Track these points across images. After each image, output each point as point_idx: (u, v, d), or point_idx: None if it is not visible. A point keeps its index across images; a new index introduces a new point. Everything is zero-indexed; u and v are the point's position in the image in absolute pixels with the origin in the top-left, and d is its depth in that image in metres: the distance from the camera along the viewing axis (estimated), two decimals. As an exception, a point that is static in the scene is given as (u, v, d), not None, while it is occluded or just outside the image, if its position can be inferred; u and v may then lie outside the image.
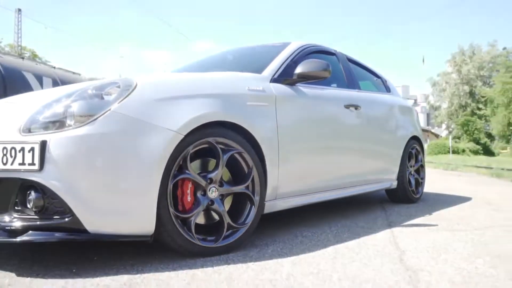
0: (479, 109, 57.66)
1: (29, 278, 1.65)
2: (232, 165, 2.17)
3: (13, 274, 1.69)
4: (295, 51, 2.97)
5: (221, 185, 2.10)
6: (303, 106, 2.71)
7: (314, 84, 2.84)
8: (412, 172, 4.13)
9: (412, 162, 4.17)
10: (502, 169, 11.03)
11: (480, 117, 56.81)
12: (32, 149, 1.65)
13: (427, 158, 32.03)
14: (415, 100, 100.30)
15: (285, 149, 2.46)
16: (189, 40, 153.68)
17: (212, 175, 2.05)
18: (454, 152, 45.51)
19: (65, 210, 1.68)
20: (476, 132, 57.06)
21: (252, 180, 2.22)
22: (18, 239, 1.67)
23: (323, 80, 2.84)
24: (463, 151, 51.34)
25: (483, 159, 36.33)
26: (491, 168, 11.70)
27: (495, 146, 55.25)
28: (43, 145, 1.65)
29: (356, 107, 3.26)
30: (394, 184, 3.88)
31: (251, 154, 2.21)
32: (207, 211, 2.10)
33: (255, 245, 2.25)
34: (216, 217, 2.10)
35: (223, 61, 3.45)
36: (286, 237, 2.45)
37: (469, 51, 62.79)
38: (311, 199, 2.75)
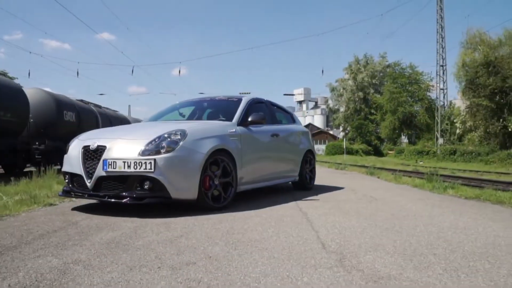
0: (371, 114, 64.36)
1: (145, 218, 3.88)
2: (223, 168, 4.55)
3: (132, 218, 3.90)
4: (246, 104, 5.42)
5: (219, 178, 4.46)
6: (252, 137, 5.18)
7: (257, 124, 5.31)
8: (307, 171, 6.80)
9: (308, 165, 6.84)
10: (375, 168, 14.55)
11: (372, 121, 63.62)
12: (150, 163, 3.89)
13: (325, 158, 36.05)
14: (316, 103, 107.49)
15: (244, 160, 4.89)
16: (95, 32, 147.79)
17: (216, 173, 4.41)
18: (349, 152, 51.14)
19: (163, 188, 3.94)
20: (368, 134, 64.02)
21: (232, 176, 4.62)
22: (143, 201, 3.90)
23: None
24: (357, 151, 57.57)
25: (372, 159, 41.61)
26: (368, 167, 15.21)
27: (384, 147, 62.37)
28: (155, 160, 3.90)
29: (277, 135, 5.81)
30: (297, 178, 6.50)
31: (231, 163, 4.62)
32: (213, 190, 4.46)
33: (232, 207, 4.64)
34: (217, 193, 4.46)
35: (202, 108, 5.80)
36: (245, 204, 4.88)
37: (363, 60, 69.31)
38: (256, 185, 5.26)
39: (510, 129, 28.50)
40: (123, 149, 4.05)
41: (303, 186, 6.64)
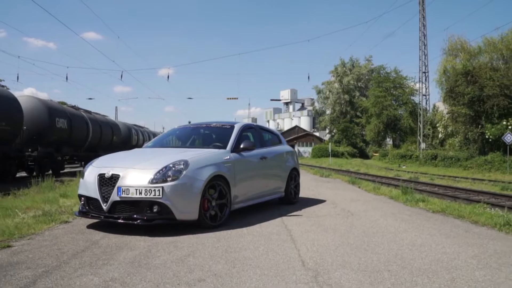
0: (357, 116, 65.57)
1: (154, 237, 4.58)
2: (220, 191, 5.26)
3: (143, 237, 4.59)
4: (238, 131, 6.16)
5: (216, 200, 5.18)
6: (243, 161, 5.91)
7: (248, 150, 6.04)
8: (292, 187, 7.55)
9: (293, 181, 7.59)
10: (358, 173, 15.39)
11: (357, 124, 64.83)
12: (159, 190, 4.60)
13: (311, 161, 37.15)
14: (302, 104, 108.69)
15: (237, 182, 5.62)
16: (77, 35, 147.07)
17: (213, 196, 5.13)
18: (334, 155, 52.14)
19: (169, 211, 4.64)
20: (353, 137, 65.20)
21: (227, 197, 5.34)
22: (153, 222, 4.61)
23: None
24: (342, 154, 58.61)
25: (357, 163, 42.59)
26: (351, 172, 16.07)
27: (369, 149, 63.59)
28: (162, 188, 4.61)
29: (265, 158, 6.56)
30: (283, 194, 7.26)
31: (226, 186, 5.34)
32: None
33: (227, 225, 5.35)
34: (214, 213, 5.18)
35: (199, 134, 6.52)
36: (238, 221, 5.60)
37: (349, 63, 70.47)
38: (248, 203, 6.01)
39: (487, 136, 29.73)
40: (135, 177, 4.74)
41: (288, 200, 7.39)
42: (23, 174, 19.30)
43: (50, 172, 18.71)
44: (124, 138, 30.02)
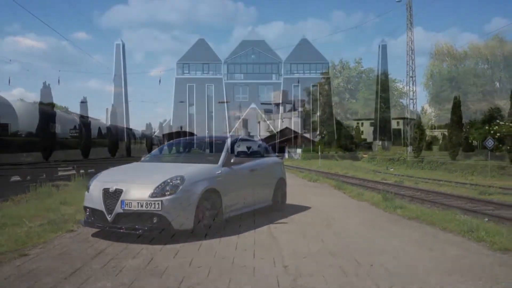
0: (346, 118, 66.51)
1: (154, 245, 5.12)
2: (212, 203, 5.83)
3: (145, 245, 5.14)
4: (229, 146, 6.72)
5: (209, 210, 5.75)
6: (234, 175, 6.49)
7: (239, 163, 6.62)
8: (279, 196, 8.14)
9: (280, 190, 8.19)
10: (346, 177, 16.03)
11: (347, 126, 65.77)
12: (158, 203, 5.16)
13: (301, 164, 37.82)
14: (294, 105, 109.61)
15: (228, 193, 6.19)
16: (64, 38, 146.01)
17: (207, 207, 5.70)
18: (324, 156, 52.83)
19: (167, 222, 5.20)
20: (343, 139, 66.06)
21: (219, 208, 5.91)
22: (153, 232, 5.16)
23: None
24: (332, 156, 59.33)
25: (346, 165, 43.32)
26: (339, 176, 16.70)
27: (358, 151, 64.46)
28: (162, 201, 5.17)
29: (255, 170, 7.14)
30: (271, 202, 7.84)
31: (218, 198, 5.92)
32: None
33: (220, 233, 5.91)
34: (207, 222, 5.74)
35: (193, 148, 7.09)
36: (230, 230, 6.15)
37: (339, 66, 71.46)
38: (238, 212, 6.58)
39: (470, 140, 30.68)
40: (137, 192, 5.30)
41: (276, 208, 7.97)
42: (17, 178, 19.66)
43: (44, 176, 19.12)
44: (117, 141, 30.41)
